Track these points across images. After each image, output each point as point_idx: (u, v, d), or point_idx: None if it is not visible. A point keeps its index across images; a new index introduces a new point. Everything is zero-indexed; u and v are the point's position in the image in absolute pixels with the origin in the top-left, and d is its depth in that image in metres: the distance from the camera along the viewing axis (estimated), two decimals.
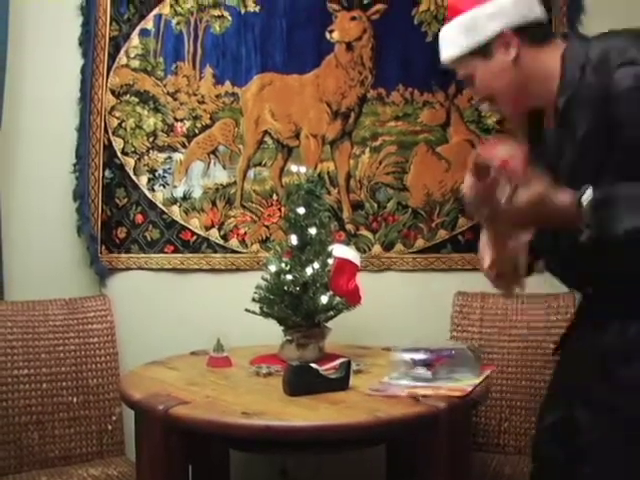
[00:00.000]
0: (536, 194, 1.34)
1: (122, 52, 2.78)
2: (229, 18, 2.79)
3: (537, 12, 1.59)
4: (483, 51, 1.57)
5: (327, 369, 1.94)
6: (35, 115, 2.74)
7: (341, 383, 1.92)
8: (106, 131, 2.78)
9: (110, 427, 2.53)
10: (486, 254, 1.57)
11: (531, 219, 1.39)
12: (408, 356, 1.99)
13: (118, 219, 2.80)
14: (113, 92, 2.78)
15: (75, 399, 2.50)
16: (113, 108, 2.79)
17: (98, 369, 2.55)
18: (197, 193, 2.80)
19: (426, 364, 1.97)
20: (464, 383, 1.92)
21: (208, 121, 2.80)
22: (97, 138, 2.77)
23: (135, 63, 2.79)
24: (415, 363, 1.98)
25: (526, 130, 1.71)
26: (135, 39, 2.79)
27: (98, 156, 2.78)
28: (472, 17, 1.57)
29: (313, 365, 1.93)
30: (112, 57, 2.78)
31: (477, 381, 1.95)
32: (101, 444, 2.51)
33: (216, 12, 2.79)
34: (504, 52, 1.55)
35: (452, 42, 1.62)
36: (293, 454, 2.41)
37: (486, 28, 1.56)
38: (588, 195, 1.32)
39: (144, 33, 2.79)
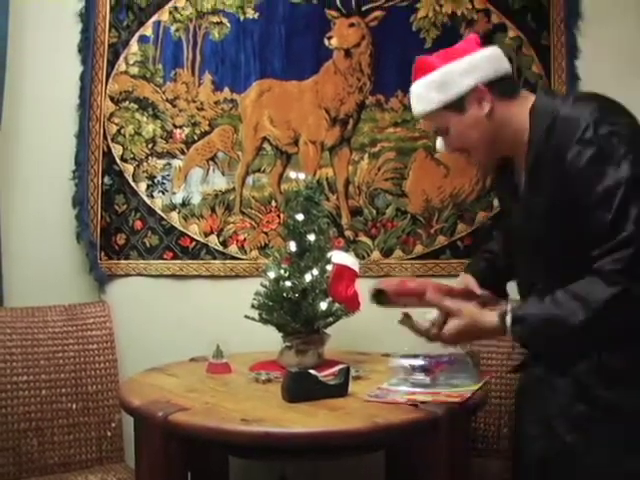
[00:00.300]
0: (462, 324, 1.63)
1: (121, 59, 2.79)
2: (228, 25, 2.80)
3: (507, 66, 1.68)
4: (456, 106, 1.63)
5: (326, 375, 1.94)
6: (34, 122, 2.74)
7: (340, 389, 1.92)
8: (105, 138, 2.79)
9: (109, 434, 2.53)
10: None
11: (463, 339, 1.71)
12: (407, 362, 1.99)
13: (117, 225, 2.80)
14: (112, 99, 2.79)
15: (74, 406, 2.50)
16: (112, 115, 2.79)
17: (97, 375, 2.56)
18: (196, 199, 2.81)
19: (425, 370, 1.97)
20: (463, 389, 1.92)
21: (207, 128, 2.80)
22: (96, 145, 2.77)
23: (134, 70, 2.80)
24: (414, 369, 1.98)
25: (494, 174, 1.86)
26: (134, 46, 2.79)
27: (97, 163, 2.78)
28: (445, 73, 1.65)
29: (312, 371, 1.93)
30: (111, 64, 2.78)
31: (476, 387, 1.94)
32: (100, 451, 2.51)
33: (215, 19, 2.80)
34: (477, 106, 1.62)
35: (425, 98, 1.68)
36: (292, 460, 2.40)
37: (460, 84, 1.62)
38: (509, 317, 1.52)
39: (143, 40, 2.79)
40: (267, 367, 2.24)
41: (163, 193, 2.81)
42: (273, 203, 2.80)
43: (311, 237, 2.24)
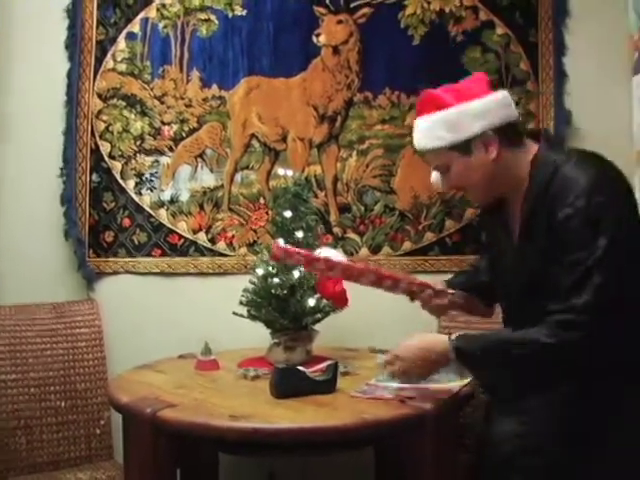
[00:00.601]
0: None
1: (109, 56, 2.78)
2: (216, 22, 2.80)
3: (515, 113, 1.70)
4: (463, 147, 1.64)
5: (314, 371, 1.95)
6: (22, 119, 2.74)
7: (328, 385, 1.92)
8: (93, 135, 2.78)
9: (98, 431, 2.53)
10: None
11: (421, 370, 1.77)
12: None
13: (105, 223, 2.79)
14: (100, 96, 2.78)
15: (63, 403, 2.50)
16: (100, 112, 2.78)
17: (86, 373, 2.56)
18: (184, 196, 2.80)
19: None
20: (450, 384, 1.93)
21: (195, 124, 2.80)
22: (84, 142, 2.77)
23: (122, 67, 2.79)
24: None
25: (482, 211, 1.94)
26: (122, 43, 2.78)
27: (85, 160, 2.77)
28: (458, 114, 1.64)
29: (300, 367, 1.94)
30: (99, 61, 2.78)
31: (463, 383, 1.95)
32: (89, 448, 2.52)
33: (203, 16, 2.80)
34: (484, 150, 1.63)
35: (433, 135, 1.67)
36: (281, 457, 2.41)
37: (471, 127, 1.63)
38: (452, 346, 1.64)
39: (131, 37, 2.79)
40: (255, 364, 2.24)
41: (151, 190, 2.80)
42: (261, 200, 2.80)
43: (299, 234, 2.24)
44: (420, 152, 1.78)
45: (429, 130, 1.68)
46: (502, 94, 1.69)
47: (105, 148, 2.79)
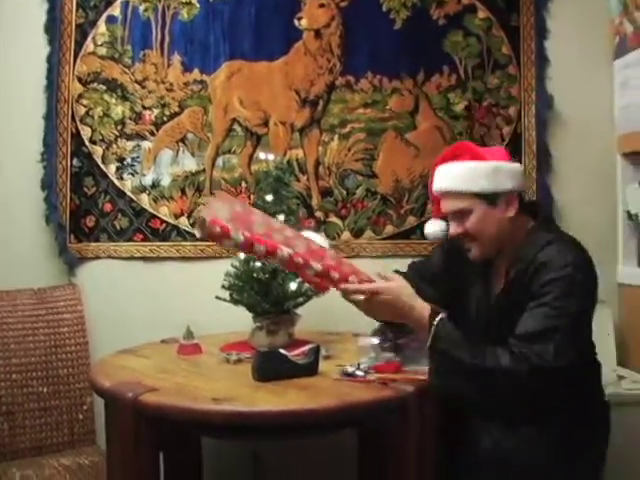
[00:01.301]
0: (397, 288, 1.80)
1: (89, 39, 2.75)
2: (197, 5, 2.78)
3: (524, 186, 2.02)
4: (491, 198, 1.85)
5: (296, 355, 1.95)
6: (1, 104, 2.71)
7: (310, 368, 1.93)
8: (73, 119, 2.76)
9: (81, 416, 2.53)
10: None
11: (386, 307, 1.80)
12: (376, 341, 2.00)
13: (87, 208, 2.77)
14: (80, 80, 2.76)
15: (45, 389, 2.49)
16: (80, 96, 2.76)
17: (68, 359, 2.55)
18: (166, 181, 2.79)
19: (394, 349, 1.98)
20: None
21: (176, 109, 2.79)
22: (64, 126, 2.74)
23: (102, 50, 2.76)
24: (383, 348, 1.99)
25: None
26: (102, 26, 2.76)
27: (66, 145, 2.75)
28: (495, 168, 1.86)
29: (282, 351, 1.94)
30: (79, 44, 2.75)
31: None
32: (72, 434, 2.51)
33: None
34: (505, 208, 1.86)
35: (469, 180, 1.85)
36: (263, 440, 2.42)
37: (504, 183, 1.85)
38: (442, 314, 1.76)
39: (111, 20, 2.76)
40: (238, 348, 2.24)
41: (133, 175, 2.79)
42: (243, 184, 2.80)
43: (281, 217, 2.24)
44: (446, 193, 1.91)
45: (465, 175, 1.86)
46: (519, 166, 1.99)
47: (86, 133, 2.76)
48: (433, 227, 2.15)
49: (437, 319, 1.75)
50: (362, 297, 1.81)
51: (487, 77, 2.84)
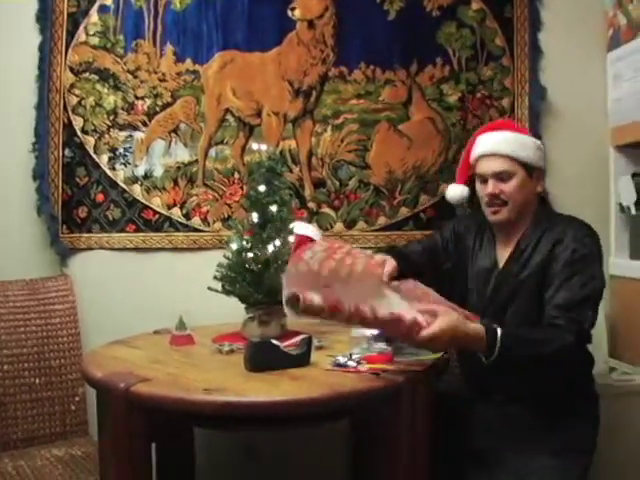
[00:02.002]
0: (446, 324, 1.71)
1: (81, 29, 2.74)
2: None
3: None
4: (530, 169, 2.05)
5: (288, 345, 1.95)
6: None
7: (302, 359, 1.93)
8: (65, 109, 2.74)
9: (73, 407, 2.53)
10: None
11: (445, 342, 1.74)
12: (368, 332, 2.01)
13: (79, 198, 2.76)
14: (72, 70, 2.74)
15: (37, 380, 2.49)
16: (72, 86, 2.74)
17: (60, 350, 2.55)
18: (158, 172, 2.78)
19: (386, 339, 1.99)
20: (424, 357, 1.94)
21: (169, 99, 2.78)
22: (56, 116, 2.73)
23: (94, 40, 2.75)
24: (376, 339, 2.00)
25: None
26: (94, 16, 2.74)
27: (58, 135, 2.74)
28: (538, 145, 2.11)
29: (274, 341, 1.93)
30: (71, 34, 2.73)
31: (436, 356, 1.97)
32: (64, 425, 2.51)
33: None
34: (536, 182, 2.07)
35: (526, 147, 2.06)
36: (256, 430, 2.41)
37: (540, 160, 2.09)
38: (500, 330, 1.76)
39: (103, 9, 2.75)
40: (230, 338, 2.23)
41: (125, 165, 2.78)
42: (236, 175, 2.79)
43: (273, 208, 2.23)
44: (495, 154, 2.05)
45: (516, 142, 2.06)
46: None
47: (78, 123, 2.75)
48: (455, 190, 2.33)
49: (499, 334, 1.76)
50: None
51: (480, 68, 2.84)
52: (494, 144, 2.07)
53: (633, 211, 2.76)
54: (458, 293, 2.10)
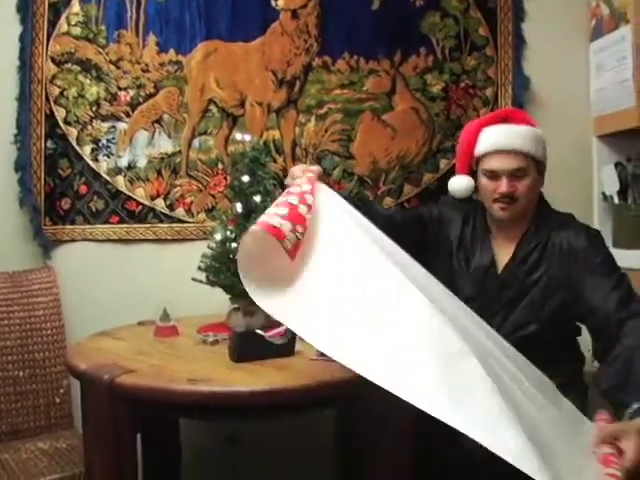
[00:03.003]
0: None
1: (62, 19, 2.71)
2: None
3: None
4: (541, 167, 2.04)
5: (273, 335, 1.94)
6: None
7: (287, 349, 1.93)
8: (47, 100, 2.72)
9: (58, 400, 2.51)
10: None
11: None
12: None
13: (62, 190, 2.74)
14: (54, 60, 2.72)
15: (21, 373, 2.47)
16: (54, 77, 2.72)
17: (44, 342, 2.53)
18: (142, 163, 2.77)
19: None
20: None
21: (152, 90, 2.76)
22: (38, 107, 2.71)
23: (76, 30, 2.73)
24: None
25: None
26: (75, 5, 2.72)
27: (40, 126, 2.71)
28: (539, 135, 2.04)
29: (258, 331, 1.93)
30: (52, 24, 2.70)
31: None
32: (49, 417, 2.50)
33: None
34: (542, 179, 2.06)
35: (533, 142, 2.01)
36: (241, 421, 2.41)
37: (542, 151, 2.04)
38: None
39: None
40: (215, 329, 2.23)
41: (108, 157, 2.76)
42: (220, 165, 2.78)
43: (257, 198, 2.22)
44: (511, 151, 1.99)
45: (533, 138, 2.01)
46: None
47: (60, 114, 2.73)
48: (461, 182, 2.18)
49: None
50: None
51: (464, 58, 2.85)
52: (509, 139, 2.00)
53: (616, 200, 2.78)
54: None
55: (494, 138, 2.03)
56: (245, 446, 2.75)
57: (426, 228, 2.21)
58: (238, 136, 2.58)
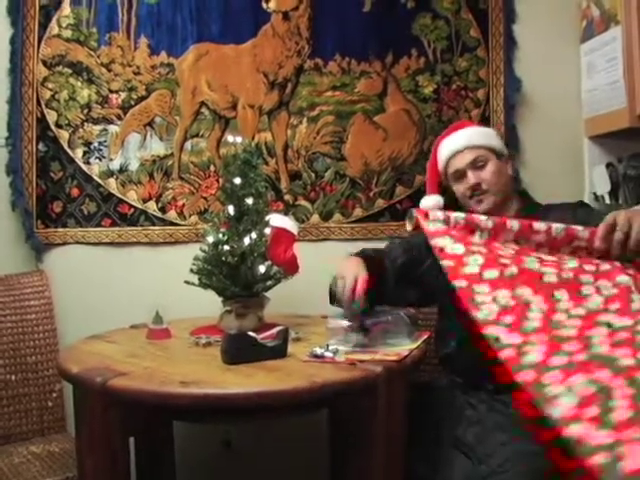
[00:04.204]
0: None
1: (53, 21, 2.71)
2: None
3: None
4: (499, 154, 2.16)
5: (265, 337, 1.94)
6: None
7: (279, 351, 1.93)
8: (39, 103, 2.72)
9: (50, 404, 2.51)
10: None
11: None
12: (345, 322, 2.01)
13: (53, 193, 2.74)
14: (45, 63, 2.72)
15: (14, 377, 2.46)
16: (45, 79, 2.72)
17: (36, 346, 2.52)
18: (134, 165, 2.77)
19: (363, 330, 1.99)
20: (400, 348, 1.95)
21: (144, 92, 2.76)
22: (29, 110, 2.70)
23: (67, 33, 2.72)
24: (352, 330, 2.00)
25: None
26: (67, 8, 2.72)
27: (31, 129, 2.71)
28: (498, 134, 2.30)
29: (251, 333, 1.93)
30: (43, 27, 2.70)
31: (413, 346, 1.98)
32: (42, 421, 2.49)
33: None
34: (506, 165, 2.18)
35: (488, 136, 2.20)
36: (234, 423, 2.42)
37: (504, 148, 2.22)
38: None
39: (76, 2, 2.72)
40: (207, 331, 2.23)
41: (100, 159, 2.76)
42: (212, 168, 2.78)
43: (249, 200, 2.23)
44: (464, 148, 2.14)
45: (480, 133, 2.21)
46: None
47: (51, 117, 2.73)
48: (430, 201, 2.25)
49: None
50: None
51: (456, 60, 2.85)
52: (460, 140, 2.17)
53: (607, 200, 2.79)
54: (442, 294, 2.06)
55: (448, 146, 2.19)
56: (239, 449, 2.75)
57: (419, 252, 2.19)
58: (230, 138, 2.57)
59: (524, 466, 1.70)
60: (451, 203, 2.20)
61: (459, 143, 2.17)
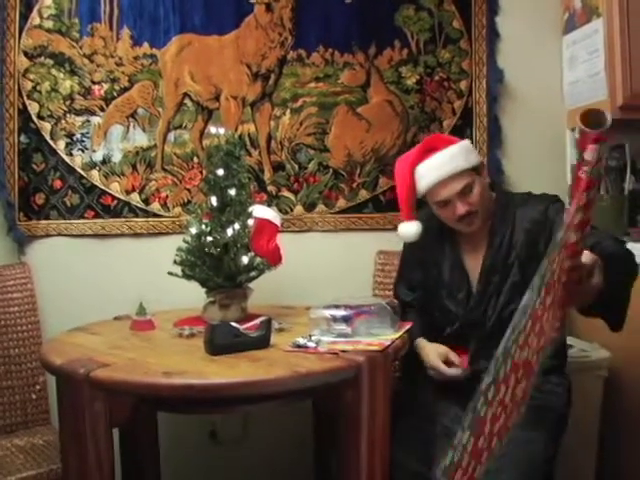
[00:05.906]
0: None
1: (35, 12, 2.69)
2: None
3: None
4: (477, 169, 2.09)
5: (248, 328, 1.95)
6: None
7: (262, 341, 1.93)
8: (20, 94, 2.70)
9: (34, 396, 2.50)
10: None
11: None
12: (328, 313, 2.02)
13: (36, 185, 2.73)
14: (26, 54, 2.70)
15: None
16: (27, 70, 2.70)
17: (19, 338, 2.52)
18: (117, 157, 2.76)
19: (346, 320, 2.00)
20: (383, 338, 1.96)
21: (126, 83, 2.75)
22: (11, 102, 2.69)
23: (49, 24, 2.71)
24: (335, 320, 2.01)
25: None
26: None
27: (13, 120, 2.69)
28: (464, 147, 2.10)
29: (234, 324, 1.93)
30: (24, 17, 2.68)
31: (395, 336, 1.99)
32: (26, 414, 2.49)
33: None
34: (483, 176, 2.12)
35: (462, 158, 2.06)
36: (218, 413, 2.42)
37: (474, 157, 2.11)
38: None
39: None
40: (191, 322, 2.24)
41: (83, 151, 2.75)
42: (195, 159, 2.78)
43: (232, 192, 2.22)
44: (451, 177, 2.04)
45: (461, 154, 2.07)
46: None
47: (33, 108, 2.71)
48: (410, 228, 2.18)
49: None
50: None
51: (438, 51, 2.85)
52: (445, 168, 2.05)
53: None
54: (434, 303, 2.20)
55: (430, 175, 2.07)
56: (224, 439, 2.76)
57: (414, 278, 2.30)
58: (212, 130, 2.57)
59: (520, 452, 1.73)
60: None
61: (443, 170, 2.05)
